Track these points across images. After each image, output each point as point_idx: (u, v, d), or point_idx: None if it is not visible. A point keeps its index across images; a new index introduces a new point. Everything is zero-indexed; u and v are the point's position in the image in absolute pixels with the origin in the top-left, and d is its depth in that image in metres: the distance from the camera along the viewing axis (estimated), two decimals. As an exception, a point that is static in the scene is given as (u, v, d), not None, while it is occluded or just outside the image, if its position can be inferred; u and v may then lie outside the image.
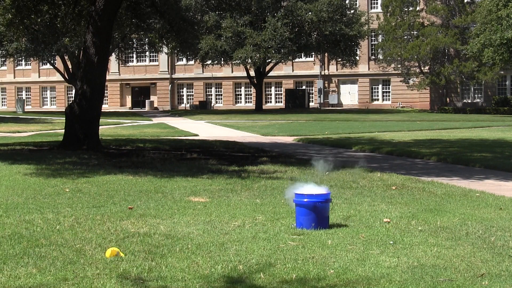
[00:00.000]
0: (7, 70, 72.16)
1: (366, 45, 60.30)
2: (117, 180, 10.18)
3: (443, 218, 7.02)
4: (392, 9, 54.34)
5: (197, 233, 6.07)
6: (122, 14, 20.28)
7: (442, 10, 53.70)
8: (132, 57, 67.27)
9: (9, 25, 17.04)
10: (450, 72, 52.54)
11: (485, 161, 13.73)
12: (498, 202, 8.30)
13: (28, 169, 11.57)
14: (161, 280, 4.49)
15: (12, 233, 6.01)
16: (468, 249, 5.54)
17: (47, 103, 71.87)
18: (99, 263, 4.90)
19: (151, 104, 67.06)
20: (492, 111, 51.80)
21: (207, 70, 61.25)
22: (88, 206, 7.70)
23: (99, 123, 16.60)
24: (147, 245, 5.51)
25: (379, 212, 7.40)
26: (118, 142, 19.40)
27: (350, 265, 4.92)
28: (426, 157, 15.10)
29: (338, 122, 35.29)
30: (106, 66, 17.07)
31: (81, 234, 6.01)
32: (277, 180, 10.25)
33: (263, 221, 6.75)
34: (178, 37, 24.19)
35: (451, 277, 4.64)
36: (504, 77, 57.07)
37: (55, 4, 17.35)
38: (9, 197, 8.40)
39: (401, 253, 5.35)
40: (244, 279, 4.55)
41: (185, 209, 7.46)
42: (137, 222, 6.65)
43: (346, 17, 49.73)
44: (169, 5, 21.20)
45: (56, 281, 4.45)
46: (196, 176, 10.77)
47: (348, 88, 62.69)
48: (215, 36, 48.44)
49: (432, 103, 58.19)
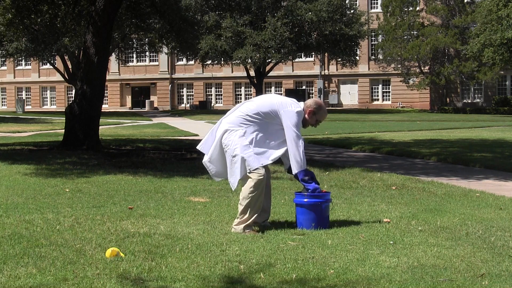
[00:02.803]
0: (7, 70, 72.17)
1: (366, 45, 60.31)
2: (117, 180, 10.19)
3: (443, 218, 7.03)
4: (392, 9, 54.35)
5: (197, 233, 6.07)
6: (122, 14, 20.30)
7: (442, 10, 53.69)
8: (132, 57, 67.27)
9: (9, 25, 17.05)
10: (450, 72, 52.54)
11: (485, 161, 13.73)
12: (498, 202, 8.31)
13: (28, 169, 11.57)
14: (161, 280, 4.49)
15: (12, 233, 6.01)
16: (468, 249, 5.54)
17: (47, 103, 71.87)
18: (99, 263, 4.90)
19: (151, 104, 67.05)
20: (492, 111, 51.81)
21: (207, 70, 61.26)
22: (88, 206, 7.70)
23: (99, 123, 16.61)
24: (147, 245, 5.52)
25: (379, 212, 7.40)
26: (118, 142, 19.41)
27: (350, 265, 4.92)
28: (426, 157, 15.10)
29: (338, 122, 35.29)
30: (106, 66, 17.08)
31: (81, 234, 6.01)
32: (277, 180, 10.26)
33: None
34: (178, 37, 24.20)
35: (451, 277, 4.64)
36: (504, 77, 57.07)
37: (55, 4, 17.35)
38: (9, 197, 8.41)
39: (401, 253, 5.35)
40: (244, 279, 4.56)
41: (185, 209, 7.47)
42: (137, 222, 6.65)
43: (346, 17, 49.72)
44: (169, 5, 21.21)
45: (56, 281, 4.45)
46: (196, 176, 10.78)
47: (348, 88, 62.69)
48: (215, 36, 48.43)
49: (432, 103, 58.21)
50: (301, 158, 6.31)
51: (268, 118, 6.39)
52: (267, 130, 6.41)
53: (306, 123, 6.59)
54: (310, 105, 6.59)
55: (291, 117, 6.36)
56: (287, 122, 6.35)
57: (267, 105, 6.45)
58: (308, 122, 6.60)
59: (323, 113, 6.65)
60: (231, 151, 6.31)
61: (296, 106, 6.47)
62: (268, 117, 6.39)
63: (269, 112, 6.40)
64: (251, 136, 6.35)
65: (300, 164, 6.32)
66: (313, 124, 6.65)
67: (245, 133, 6.35)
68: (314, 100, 6.72)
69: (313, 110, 6.57)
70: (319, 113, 6.60)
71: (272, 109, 6.41)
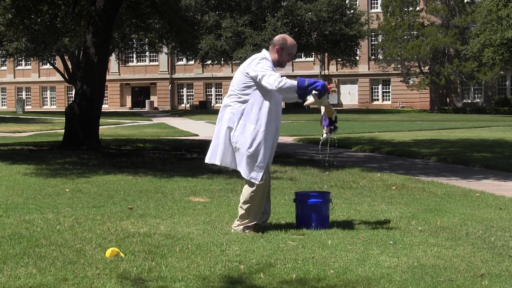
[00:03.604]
0: (7, 70, 72.15)
1: (366, 45, 60.30)
2: (117, 180, 10.19)
3: (443, 218, 7.03)
4: (392, 9, 54.34)
5: (197, 233, 6.07)
6: (122, 14, 20.29)
7: (442, 10, 53.69)
8: (132, 57, 67.25)
9: (9, 25, 17.07)
10: (450, 72, 52.53)
11: (485, 161, 13.73)
12: (498, 202, 8.31)
13: (28, 169, 11.57)
14: (161, 280, 4.49)
15: (12, 233, 6.01)
16: (468, 249, 5.54)
17: (47, 103, 71.86)
18: (99, 263, 4.90)
19: (151, 104, 67.03)
20: (492, 111, 51.81)
21: (207, 70, 61.23)
22: (88, 206, 7.70)
23: (99, 123, 16.61)
24: (147, 245, 5.52)
25: (379, 212, 7.40)
26: (118, 142, 19.41)
27: (350, 265, 4.92)
28: (426, 157, 15.10)
29: (338, 122, 35.23)
30: (106, 66, 17.08)
31: (81, 234, 6.01)
32: (277, 180, 10.25)
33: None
34: (178, 37, 24.23)
35: (451, 277, 4.64)
36: (504, 77, 57.06)
37: (55, 4, 17.36)
38: (9, 197, 8.41)
39: (401, 253, 5.35)
40: (244, 279, 4.56)
41: (185, 209, 7.47)
42: (137, 222, 6.65)
43: (346, 17, 49.73)
44: (169, 5, 21.22)
45: (56, 281, 4.45)
46: (196, 176, 10.78)
47: (348, 88, 62.68)
48: (215, 36, 48.43)
49: (432, 103, 58.18)
50: (290, 83, 5.85)
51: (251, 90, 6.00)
52: (265, 102, 6.01)
53: (281, 62, 6.17)
54: (276, 42, 6.17)
55: (256, 67, 5.96)
56: (255, 74, 5.94)
57: (238, 80, 6.07)
58: (282, 60, 6.17)
59: (291, 45, 6.19)
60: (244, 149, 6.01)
61: (259, 56, 6.09)
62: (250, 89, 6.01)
63: (243, 85, 6.03)
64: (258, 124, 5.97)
65: (294, 85, 5.85)
66: (287, 60, 6.20)
67: (249, 123, 5.98)
68: (278, 36, 6.33)
69: (280, 46, 6.15)
70: (287, 46, 6.16)
71: (243, 80, 6.03)
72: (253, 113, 6.03)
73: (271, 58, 6.14)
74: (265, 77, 5.87)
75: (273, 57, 6.17)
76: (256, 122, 6.03)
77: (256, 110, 6.03)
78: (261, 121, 6.02)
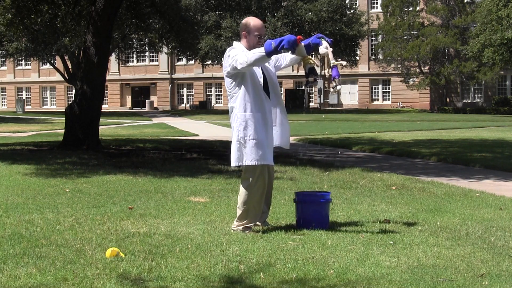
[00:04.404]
0: (7, 70, 72.17)
1: (366, 45, 60.31)
2: (117, 180, 10.19)
3: (443, 218, 7.03)
4: (392, 9, 54.36)
5: (197, 233, 6.07)
6: (122, 14, 20.30)
7: (442, 10, 53.70)
8: (132, 57, 67.25)
9: (9, 25, 17.05)
10: (450, 72, 52.55)
11: (485, 161, 13.73)
12: (498, 202, 8.31)
13: (28, 169, 11.57)
14: (161, 280, 4.49)
15: (12, 233, 6.01)
16: (468, 249, 5.54)
17: (47, 103, 71.87)
18: (99, 263, 4.90)
19: (151, 104, 67.03)
20: (492, 111, 51.82)
21: (207, 70, 61.23)
22: (88, 206, 7.70)
23: (99, 123, 16.61)
24: (147, 245, 5.51)
25: (379, 212, 7.40)
26: (118, 142, 19.41)
27: (350, 265, 4.92)
28: (426, 157, 15.10)
29: (338, 122, 35.29)
30: (106, 66, 17.08)
31: (81, 234, 6.01)
32: (277, 180, 10.25)
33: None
34: (178, 37, 24.25)
35: (451, 277, 4.64)
36: (504, 77, 57.07)
37: (55, 4, 17.36)
38: (9, 197, 8.41)
39: (401, 253, 5.35)
40: (244, 279, 4.55)
41: (185, 209, 7.47)
42: (137, 222, 6.65)
43: (346, 17, 49.75)
44: (169, 5, 21.24)
45: (56, 281, 4.45)
46: (196, 176, 10.78)
47: (348, 88, 62.65)
48: (215, 36, 48.45)
49: (432, 103, 58.21)
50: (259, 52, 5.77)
51: (236, 87, 6.06)
52: (245, 93, 6.04)
53: (252, 45, 6.09)
54: (241, 29, 6.20)
55: (228, 61, 5.99)
56: (230, 67, 5.98)
57: (226, 82, 6.16)
58: (252, 43, 6.11)
59: (255, 26, 6.14)
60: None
61: (227, 51, 6.10)
62: (235, 87, 6.06)
63: (231, 84, 6.09)
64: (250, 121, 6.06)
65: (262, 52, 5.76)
66: (257, 41, 6.11)
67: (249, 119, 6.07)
68: (242, 21, 6.28)
69: (246, 30, 6.14)
70: (251, 28, 6.12)
71: (227, 80, 6.11)
72: (239, 106, 6.09)
73: (244, 46, 6.12)
74: (236, 62, 5.87)
75: (244, 44, 6.17)
76: (243, 110, 6.09)
77: (240, 102, 6.08)
78: (241, 109, 6.07)
